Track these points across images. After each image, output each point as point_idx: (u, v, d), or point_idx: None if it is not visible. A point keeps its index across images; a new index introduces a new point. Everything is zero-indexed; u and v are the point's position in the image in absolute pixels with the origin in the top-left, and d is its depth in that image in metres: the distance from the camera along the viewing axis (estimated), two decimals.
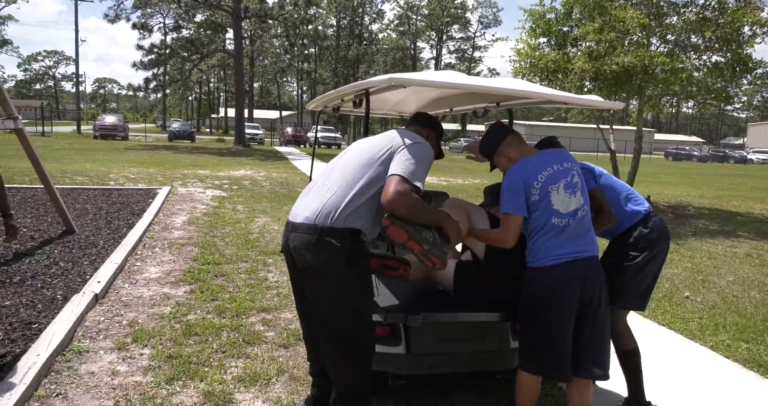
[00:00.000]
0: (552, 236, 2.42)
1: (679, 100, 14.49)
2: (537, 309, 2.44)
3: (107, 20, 29.61)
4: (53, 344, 3.36)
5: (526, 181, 2.43)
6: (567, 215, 2.43)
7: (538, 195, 2.42)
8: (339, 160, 2.41)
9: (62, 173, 12.34)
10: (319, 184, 2.33)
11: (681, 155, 50.02)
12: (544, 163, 2.48)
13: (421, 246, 2.22)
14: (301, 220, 2.25)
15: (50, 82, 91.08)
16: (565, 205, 2.43)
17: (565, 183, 2.45)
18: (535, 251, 2.46)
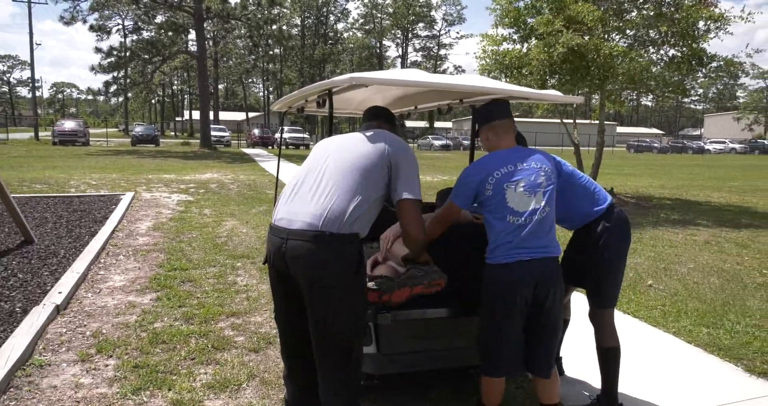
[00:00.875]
0: (509, 233, 2.41)
1: (638, 93, 14.87)
2: (491, 306, 2.48)
3: (63, 22, 28.67)
4: (12, 358, 3.25)
5: (480, 177, 2.46)
6: (524, 213, 2.41)
7: (491, 191, 2.43)
8: (325, 162, 2.26)
9: (20, 181, 11.94)
10: (311, 187, 2.19)
11: (642, 147, 51.39)
12: (505, 161, 2.48)
13: (422, 283, 2.40)
14: (302, 226, 2.09)
15: (5, 87, 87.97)
16: (523, 204, 2.41)
17: (526, 182, 2.43)
18: (492, 248, 2.47)
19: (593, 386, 3.22)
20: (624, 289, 5.29)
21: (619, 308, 4.73)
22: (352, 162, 2.20)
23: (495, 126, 2.57)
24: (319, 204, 2.11)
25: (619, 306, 4.78)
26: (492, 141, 2.59)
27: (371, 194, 2.18)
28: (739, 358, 3.73)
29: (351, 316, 2.15)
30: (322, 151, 2.36)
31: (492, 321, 2.48)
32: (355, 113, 5.38)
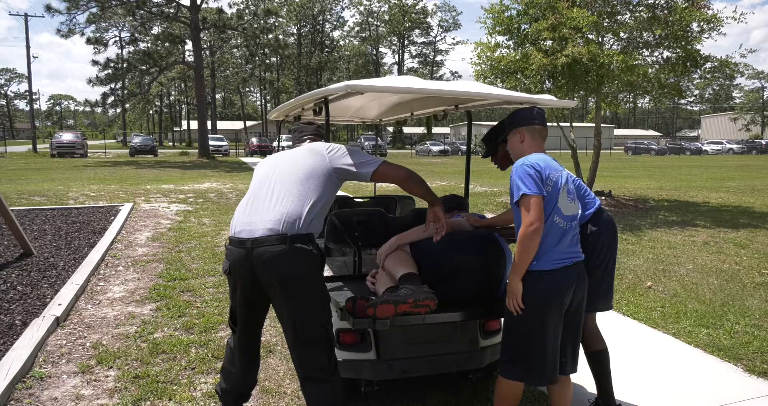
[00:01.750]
0: (555, 237, 2.39)
1: (635, 95, 14.93)
2: (539, 313, 2.38)
3: (60, 35, 28.68)
4: (12, 371, 3.25)
5: (546, 170, 2.39)
6: (568, 218, 2.43)
7: (552, 188, 2.39)
8: (274, 175, 2.44)
9: (18, 194, 11.95)
10: (264, 199, 2.36)
11: (640, 149, 51.50)
12: (554, 164, 2.49)
13: (407, 302, 2.42)
14: (264, 233, 2.25)
15: (2, 101, 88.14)
16: (568, 208, 2.44)
17: (568, 188, 2.48)
18: (539, 254, 2.37)
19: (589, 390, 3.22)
20: (623, 291, 5.30)
21: (618, 310, 4.74)
22: (299, 170, 2.41)
23: (536, 129, 2.54)
24: (276, 211, 2.29)
25: (618, 308, 4.79)
26: (527, 143, 2.53)
27: (321, 196, 2.38)
28: (739, 358, 3.73)
29: (321, 306, 2.36)
30: (268, 167, 2.54)
31: (539, 328, 2.39)
32: (351, 121, 5.42)
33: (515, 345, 2.47)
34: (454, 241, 2.83)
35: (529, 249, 2.33)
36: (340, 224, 3.36)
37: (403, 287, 2.54)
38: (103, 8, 27.94)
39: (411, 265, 2.74)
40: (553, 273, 2.38)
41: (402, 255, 2.79)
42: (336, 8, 66.79)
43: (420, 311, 2.47)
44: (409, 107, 4.44)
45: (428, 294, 2.48)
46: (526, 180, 2.34)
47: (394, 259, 2.76)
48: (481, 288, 2.82)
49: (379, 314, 2.45)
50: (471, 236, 2.90)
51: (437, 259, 2.78)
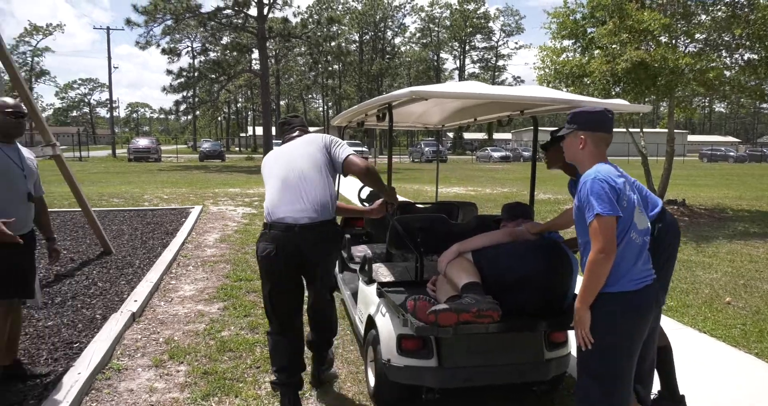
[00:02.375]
0: (633, 254, 2.17)
1: (711, 99, 14.14)
2: (623, 338, 2.15)
3: (138, 47, 30.57)
4: (93, 362, 3.45)
5: (622, 184, 2.16)
6: (642, 232, 2.22)
7: (627, 203, 2.15)
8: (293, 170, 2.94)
9: (99, 196, 12.73)
10: (295, 190, 2.89)
11: (716, 156, 48.64)
12: (623, 175, 2.24)
13: (470, 311, 2.43)
14: (308, 221, 2.84)
15: (86, 108, 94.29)
16: (641, 222, 2.22)
17: (638, 198, 2.24)
18: (617, 274, 2.15)
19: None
20: (699, 306, 5.01)
21: (695, 326, 4.49)
22: (313, 165, 2.95)
23: (603, 138, 2.29)
24: (311, 201, 2.87)
25: (695, 324, 4.53)
26: (591, 149, 2.28)
27: (333, 184, 3.03)
28: None
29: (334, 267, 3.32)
30: (283, 160, 3.03)
31: (621, 360, 2.16)
32: (414, 126, 5.43)
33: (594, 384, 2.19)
34: (518, 250, 2.77)
35: (599, 276, 2.11)
36: (403, 229, 3.37)
37: (467, 296, 2.51)
38: (177, 20, 29.45)
39: (474, 274, 2.70)
40: (632, 294, 2.15)
41: (464, 263, 2.76)
42: (397, 15, 67.27)
43: (483, 321, 2.45)
44: (472, 113, 4.40)
45: (492, 305, 2.46)
46: (603, 198, 2.10)
47: (456, 267, 2.74)
48: (546, 299, 2.75)
49: (441, 322, 2.44)
50: (536, 245, 2.84)
51: (501, 268, 2.74)
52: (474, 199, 12.68)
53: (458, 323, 2.44)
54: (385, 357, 2.86)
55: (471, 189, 16.84)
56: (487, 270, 2.76)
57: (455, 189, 16.89)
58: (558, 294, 2.82)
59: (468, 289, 2.59)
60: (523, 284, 2.71)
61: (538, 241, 2.90)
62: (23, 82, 5.27)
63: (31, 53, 68.08)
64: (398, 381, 2.85)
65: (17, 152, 3.10)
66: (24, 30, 67.95)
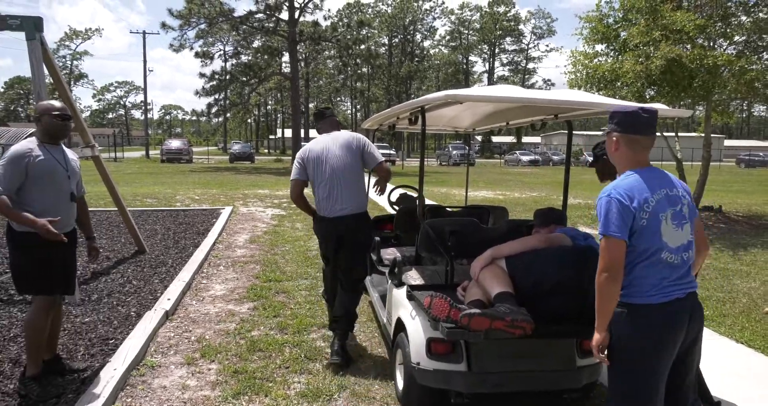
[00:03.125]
0: (658, 274, 2.08)
1: (750, 103, 13.74)
2: (643, 350, 2.08)
3: (172, 50, 31.21)
4: (128, 358, 3.54)
5: (639, 202, 2.06)
6: (677, 249, 2.10)
7: (646, 220, 2.06)
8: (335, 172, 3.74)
9: (133, 196, 13.05)
10: (339, 191, 3.73)
11: (755, 162, 47.09)
12: (658, 184, 2.12)
13: (504, 320, 2.43)
14: (348, 213, 3.75)
15: (121, 110, 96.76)
16: (675, 238, 2.10)
17: (673, 212, 2.11)
18: (638, 285, 2.09)
19: None
20: (736, 315, 4.88)
21: (732, 336, 4.36)
22: (347, 166, 3.75)
23: (638, 140, 2.15)
24: (349, 199, 3.74)
25: (732, 334, 4.41)
26: (622, 152, 2.18)
27: (363, 182, 3.89)
28: None
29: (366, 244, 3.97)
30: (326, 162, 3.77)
31: (642, 366, 2.08)
32: (444, 130, 5.42)
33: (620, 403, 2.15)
34: (553, 256, 2.74)
35: (605, 296, 2.06)
36: (434, 233, 3.37)
37: (501, 305, 2.51)
38: (210, 24, 30.01)
39: (507, 283, 2.68)
40: (660, 307, 2.06)
41: (497, 271, 2.74)
42: (427, 18, 67.21)
43: (514, 332, 2.45)
44: (504, 117, 4.37)
45: (526, 317, 2.46)
46: (610, 216, 2.05)
47: (490, 274, 2.72)
48: (580, 306, 2.71)
49: (473, 326, 2.43)
50: (571, 251, 2.80)
51: (535, 274, 2.71)
52: (503, 203, 12.57)
53: (490, 329, 2.43)
54: (414, 360, 2.86)
55: (500, 193, 16.70)
56: (520, 277, 2.74)
57: (483, 193, 16.77)
58: (592, 300, 2.78)
59: (501, 298, 2.57)
60: (557, 291, 2.68)
61: (571, 247, 2.87)
62: (65, 84, 5.45)
63: (71, 57, 70.28)
64: (427, 385, 2.85)
65: (62, 154, 3.20)
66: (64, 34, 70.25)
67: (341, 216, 3.72)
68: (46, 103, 3.16)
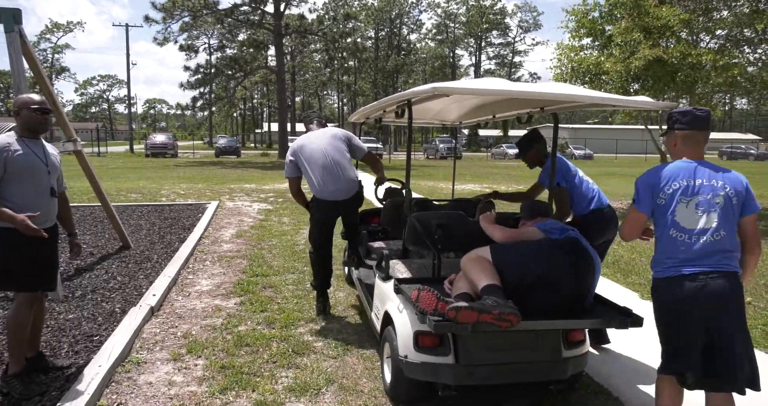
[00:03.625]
0: (672, 249, 2.40)
1: (731, 96, 13.93)
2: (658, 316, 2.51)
3: (156, 43, 30.85)
4: (113, 355, 3.51)
5: (659, 182, 2.44)
6: (692, 231, 2.37)
7: (664, 200, 2.43)
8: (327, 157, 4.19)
9: (117, 191, 12.90)
10: (335, 174, 4.16)
11: (736, 154, 47.80)
12: (686, 173, 2.42)
13: (491, 313, 2.43)
14: (345, 197, 4.25)
15: (104, 104, 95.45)
16: (692, 221, 2.37)
17: (701, 199, 2.37)
18: (656, 261, 2.49)
19: None
20: None
21: None
22: (342, 154, 4.24)
23: (691, 136, 2.47)
24: (347, 182, 4.21)
25: None
26: (678, 147, 2.52)
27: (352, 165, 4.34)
28: None
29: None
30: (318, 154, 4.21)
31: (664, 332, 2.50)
32: (431, 123, 5.41)
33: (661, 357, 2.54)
34: (539, 249, 2.76)
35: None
36: (420, 226, 3.37)
37: (488, 298, 2.51)
38: (195, 17, 29.68)
39: (494, 275, 2.68)
40: (664, 281, 2.42)
41: (484, 263, 2.75)
42: (414, 11, 67.02)
43: (502, 324, 2.45)
44: (490, 110, 4.38)
45: (513, 310, 2.47)
46: (639, 191, 2.51)
47: (477, 267, 2.73)
48: (566, 298, 2.73)
49: (461, 319, 2.44)
50: (558, 244, 2.82)
51: (521, 267, 2.72)
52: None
53: (477, 322, 2.44)
54: (402, 353, 2.86)
55: (486, 186, 16.76)
56: (507, 270, 2.75)
57: (470, 186, 16.83)
58: (579, 293, 2.80)
59: (488, 291, 2.58)
60: (543, 284, 2.69)
61: (559, 240, 2.88)
62: (46, 78, 5.35)
63: (52, 50, 69.13)
64: (415, 378, 2.86)
65: (42, 148, 3.15)
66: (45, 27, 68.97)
67: (338, 200, 4.23)
68: (25, 97, 3.10)
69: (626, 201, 12.65)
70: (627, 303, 3.86)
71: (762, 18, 9.71)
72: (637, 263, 6.62)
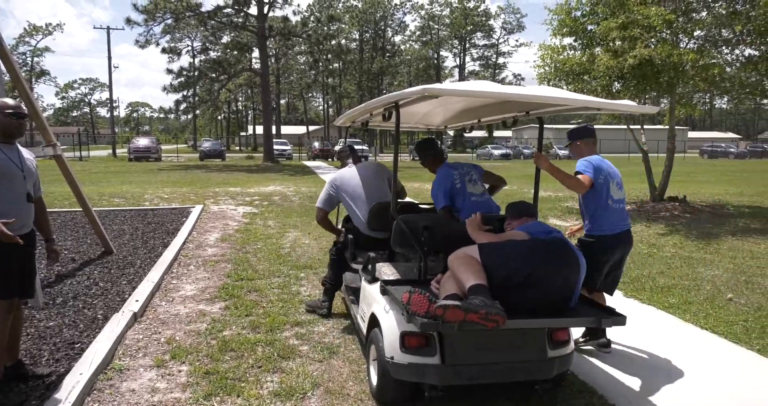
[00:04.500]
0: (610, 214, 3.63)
1: (711, 96, 14.15)
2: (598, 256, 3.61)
3: (138, 46, 30.48)
4: (95, 362, 3.45)
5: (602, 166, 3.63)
6: (618, 201, 3.67)
7: (603, 180, 3.60)
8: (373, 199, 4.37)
9: (100, 196, 12.73)
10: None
11: (717, 153, 48.55)
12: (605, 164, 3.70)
13: (478, 312, 2.42)
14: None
15: (86, 108, 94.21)
16: (618, 194, 3.69)
17: (618, 180, 3.73)
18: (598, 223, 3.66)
19: None
20: (701, 302, 5.01)
21: (697, 323, 4.48)
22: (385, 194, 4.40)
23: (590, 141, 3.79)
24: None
25: (696, 321, 4.53)
26: (584, 151, 3.76)
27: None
28: None
29: None
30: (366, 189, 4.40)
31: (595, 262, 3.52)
32: (417, 127, 5.40)
33: None
34: (526, 250, 2.76)
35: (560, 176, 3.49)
36: (407, 228, 3.36)
37: (475, 298, 2.51)
38: (177, 19, 29.43)
39: (481, 275, 2.67)
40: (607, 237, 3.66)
41: (472, 262, 2.74)
42: (398, 13, 67.15)
43: (488, 324, 2.44)
44: (476, 114, 4.38)
45: (500, 310, 2.46)
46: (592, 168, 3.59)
47: (463, 266, 2.72)
48: (552, 297, 2.74)
49: (448, 317, 2.43)
50: (543, 243, 2.83)
51: (508, 267, 2.72)
52: None
53: (464, 321, 2.43)
54: (388, 355, 2.85)
55: None
56: (493, 269, 2.75)
57: None
58: (565, 293, 2.81)
59: (476, 291, 2.57)
60: (531, 284, 2.70)
61: (545, 240, 2.89)
62: (24, 82, 5.27)
63: (31, 53, 68.08)
64: (401, 379, 2.85)
65: (17, 153, 3.09)
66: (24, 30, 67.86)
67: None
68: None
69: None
70: (611, 302, 3.90)
71: (740, 19, 9.88)
72: None
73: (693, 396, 3.24)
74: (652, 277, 5.95)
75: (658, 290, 5.43)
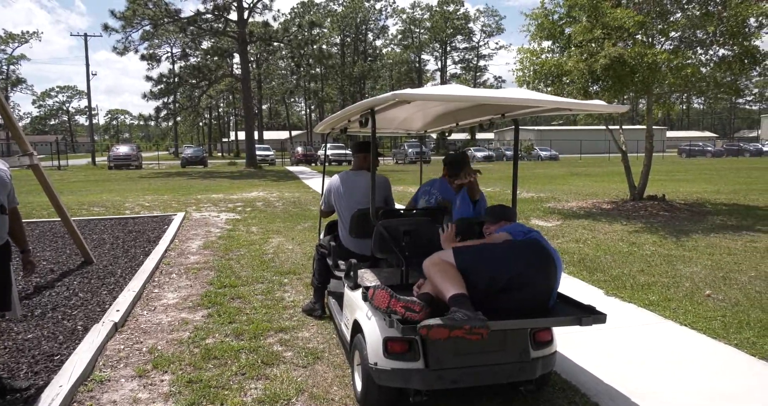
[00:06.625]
0: None
1: (688, 96, 14.40)
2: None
3: (116, 53, 30.14)
4: (75, 374, 3.40)
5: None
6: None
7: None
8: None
9: (79, 205, 12.54)
10: None
11: (695, 152, 49.46)
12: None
13: (463, 328, 2.43)
14: None
15: (64, 116, 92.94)
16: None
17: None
18: None
19: None
20: (680, 299, 5.09)
21: (676, 320, 4.55)
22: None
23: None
24: None
25: (676, 317, 4.60)
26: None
27: None
28: None
29: None
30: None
31: None
32: (396, 132, 5.43)
33: None
34: (501, 253, 2.78)
35: None
36: (388, 233, 3.37)
37: (458, 311, 2.50)
38: (156, 26, 29.16)
39: (459, 283, 2.66)
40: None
41: (449, 270, 2.73)
42: (379, 17, 67.32)
43: (472, 338, 2.45)
44: (454, 117, 4.42)
45: (483, 323, 2.47)
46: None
47: (441, 274, 2.71)
48: (532, 298, 2.76)
49: (433, 336, 2.44)
50: (519, 246, 2.85)
51: (486, 271, 2.73)
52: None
53: (449, 338, 2.45)
54: (371, 361, 2.85)
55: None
56: (473, 273, 2.75)
57: None
58: (544, 293, 2.84)
59: (457, 302, 2.55)
60: (509, 286, 2.71)
61: (523, 241, 2.91)
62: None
63: (6, 61, 67.00)
64: (385, 384, 2.85)
65: None
66: None
67: None
68: None
69: (591, 200, 12.93)
70: (592, 300, 3.95)
71: (712, 20, 10.09)
72: (602, 260, 6.77)
73: (674, 391, 3.29)
74: (632, 275, 6.03)
75: (639, 288, 5.50)
